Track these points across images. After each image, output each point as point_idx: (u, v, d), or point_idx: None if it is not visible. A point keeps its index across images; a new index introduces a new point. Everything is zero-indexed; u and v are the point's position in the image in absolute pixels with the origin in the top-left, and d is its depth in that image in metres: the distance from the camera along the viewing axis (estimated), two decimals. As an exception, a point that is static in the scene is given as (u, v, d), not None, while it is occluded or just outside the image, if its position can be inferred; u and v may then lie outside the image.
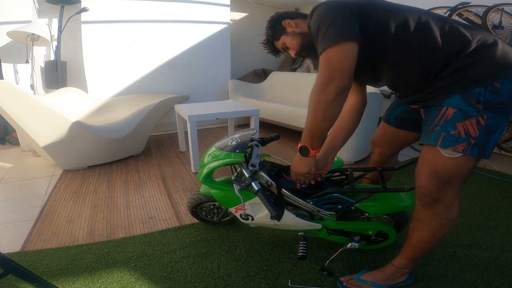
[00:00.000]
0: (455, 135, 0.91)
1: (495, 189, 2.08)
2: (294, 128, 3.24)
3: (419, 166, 1.02)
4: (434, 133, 0.95)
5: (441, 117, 0.94)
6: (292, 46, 1.21)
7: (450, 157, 0.93)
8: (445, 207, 1.00)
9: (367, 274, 1.24)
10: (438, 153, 0.95)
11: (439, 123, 0.94)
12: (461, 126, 0.90)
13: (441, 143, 0.93)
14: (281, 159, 1.47)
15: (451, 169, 0.95)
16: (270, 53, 1.30)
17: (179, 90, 3.77)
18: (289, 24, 1.20)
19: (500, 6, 2.59)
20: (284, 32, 1.21)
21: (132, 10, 3.32)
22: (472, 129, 0.89)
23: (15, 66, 2.98)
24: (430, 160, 0.98)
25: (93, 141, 2.45)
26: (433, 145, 0.95)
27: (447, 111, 0.93)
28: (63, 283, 1.28)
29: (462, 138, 0.90)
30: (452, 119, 0.92)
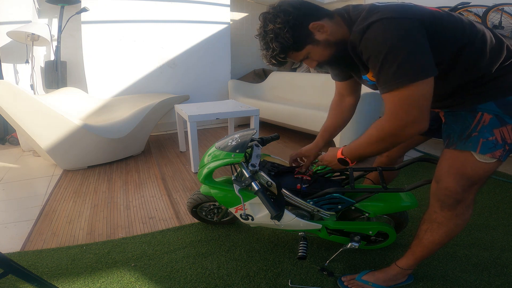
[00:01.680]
0: (493, 141, 0.90)
1: (495, 189, 2.08)
2: (294, 128, 3.23)
3: (444, 169, 0.99)
4: (471, 139, 0.92)
5: (477, 122, 0.92)
6: (319, 57, 0.95)
7: (485, 162, 0.92)
8: (465, 208, 1.01)
9: (368, 274, 1.24)
10: (472, 158, 0.93)
11: (476, 129, 0.92)
12: (498, 132, 0.89)
13: (480, 149, 0.91)
14: (281, 159, 1.47)
15: (481, 172, 0.94)
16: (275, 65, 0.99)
17: (179, 90, 3.77)
18: (320, 28, 0.90)
19: (500, 6, 2.59)
20: (312, 39, 0.91)
21: (132, 10, 3.32)
22: (508, 135, 0.89)
23: (15, 66, 2.98)
24: (459, 163, 0.96)
25: (93, 141, 2.45)
26: (472, 151, 0.92)
27: (483, 117, 0.91)
28: (63, 283, 1.28)
29: (500, 144, 0.90)
30: (490, 125, 0.90)
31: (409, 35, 0.78)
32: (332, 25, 0.92)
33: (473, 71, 0.89)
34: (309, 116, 2.92)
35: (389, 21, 0.79)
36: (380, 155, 1.45)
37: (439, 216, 1.04)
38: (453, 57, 0.87)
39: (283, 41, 0.90)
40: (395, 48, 0.78)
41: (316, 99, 3.53)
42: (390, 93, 0.82)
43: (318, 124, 2.82)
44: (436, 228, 1.05)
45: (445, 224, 1.03)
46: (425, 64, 0.79)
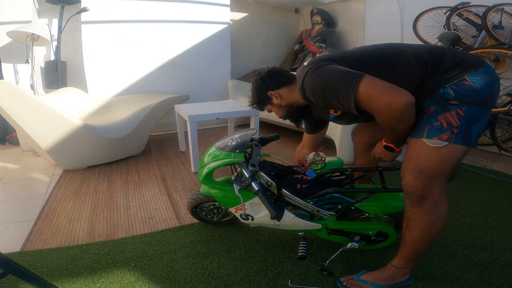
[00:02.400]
0: (438, 126, 0.97)
1: (495, 189, 2.08)
2: (294, 128, 3.23)
3: (404, 165, 1.05)
4: (419, 127, 1.01)
5: (423, 114, 1.02)
6: (278, 114, 1.35)
7: (436, 146, 0.97)
8: (432, 203, 1.01)
9: (367, 274, 1.24)
10: (424, 144, 0.99)
11: (423, 118, 1.01)
12: (442, 118, 0.97)
13: (426, 135, 0.98)
14: (281, 159, 1.48)
15: (435, 161, 0.97)
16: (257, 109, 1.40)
17: (179, 90, 3.77)
18: (274, 95, 1.27)
19: (500, 6, 2.59)
20: (270, 102, 1.30)
21: (132, 10, 3.32)
22: (453, 119, 0.96)
23: (15, 66, 2.98)
24: (415, 155, 1.01)
25: (93, 141, 2.45)
26: (419, 137, 1.00)
27: (428, 109, 1.01)
28: (63, 283, 1.28)
29: (445, 128, 0.97)
30: (434, 113, 0.99)
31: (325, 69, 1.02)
32: (286, 92, 1.27)
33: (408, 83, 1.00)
34: (309, 116, 2.92)
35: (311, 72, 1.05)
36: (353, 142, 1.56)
37: (411, 213, 1.06)
38: None
39: (253, 99, 1.34)
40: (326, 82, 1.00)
41: (316, 99, 3.53)
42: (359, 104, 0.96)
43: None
44: (412, 225, 1.08)
45: (418, 221, 1.05)
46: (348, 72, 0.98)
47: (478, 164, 2.53)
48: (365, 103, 0.95)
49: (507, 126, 2.59)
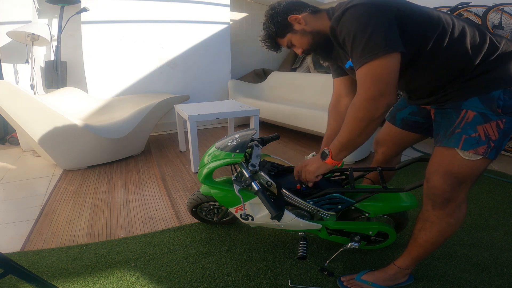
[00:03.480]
0: (475, 137, 0.91)
1: (495, 189, 2.08)
2: (294, 128, 3.24)
3: (433, 167, 1.01)
4: (454, 135, 0.95)
5: (461, 119, 0.94)
6: (300, 45, 1.12)
7: (469, 159, 0.93)
8: (456, 207, 1.00)
9: (368, 274, 1.24)
10: (457, 155, 0.94)
11: (460, 126, 0.94)
12: (482, 129, 0.91)
13: (462, 146, 0.93)
14: (281, 159, 1.47)
15: (467, 169, 0.95)
16: (270, 49, 1.18)
17: (179, 90, 3.77)
18: (297, 20, 1.07)
19: (500, 6, 2.59)
20: (291, 29, 1.09)
21: (132, 10, 3.32)
22: (492, 132, 0.90)
23: (15, 66, 2.98)
24: (447, 161, 0.97)
25: (93, 141, 2.45)
26: (454, 147, 0.94)
27: (467, 114, 0.93)
28: (63, 283, 1.28)
29: (483, 140, 0.91)
30: (473, 122, 0.92)
31: (375, 16, 0.86)
32: (310, 17, 1.08)
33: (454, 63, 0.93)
34: (309, 116, 2.92)
35: (360, 6, 0.89)
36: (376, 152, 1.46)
37: (431, 215, 1.04)
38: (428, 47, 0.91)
39: (268, 30, 1.12)
40: (363, 26, 0.86)
41: (316, 99, 3.53)
42: (361, 69, 0.88)
43: (318, 124, 2.82)
44: (429, 227, 1.06)
45: (437, 223, 1.04)
46: (390, 39, 0.84)
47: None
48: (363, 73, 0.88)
49: None
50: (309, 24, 1.07)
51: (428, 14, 0.92)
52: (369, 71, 0.86)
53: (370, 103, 0.88)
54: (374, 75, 0.86)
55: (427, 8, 0.96)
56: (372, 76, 0.86)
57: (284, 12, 1.07)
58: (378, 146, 1.44)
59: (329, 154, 1.05)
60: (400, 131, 1.31)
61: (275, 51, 1.19)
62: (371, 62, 0.85)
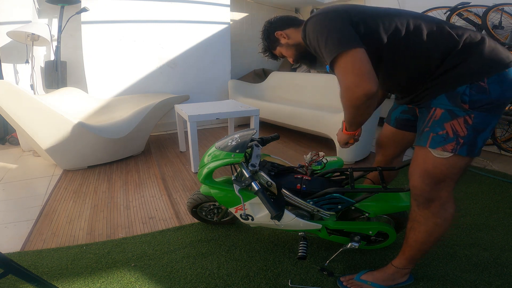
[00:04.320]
0: (443, 135, 0.93)
1: (495, 189, 2.08)
2: (294, 128, 3.23)
3: (411, 167, 1.04)
4: (423, 134, 0.98)
5: (430, 118, 0.96)
6: (288, 55, 1.26)
7: (441, 157, 0.94)
8: (440, 206, 1.01)
9: (367, 274, 1.24)
10: (429, 153, 0.96)
11: (428, 124, 0.97)
12: (449, 126, 0.92)
13: (430, 144, 0.95)
14: (281, 159, 1.48)
15: (442, 168, 0.96)
16: (271, 58, 1.35)
17: (179, 90, 3.77)
18: (281, 35, 1.22)
19: (500, 6, 2.59)
20: (278, 43, 1.24)
21: (132, 10, 3.32)
22: (460, 129, 0.91)
23: (15, 66, 2.98)
24: (421, 161, 0.99)
25: (93, 141, 2.45)
26: (423, 146, 0.97)
27: (435, 112, 0.95)
28: (63, 283, 1.28)
29: (450, 138, 0.92)
30: (440, 120, 0.94)
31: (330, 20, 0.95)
32: (293, 32, 1.20)
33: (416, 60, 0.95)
34: (309, 116, 2.92)
35: (315, 16, 0.99)
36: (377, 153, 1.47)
37: (417, 214, 1.06)
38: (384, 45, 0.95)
39: (263, 45, 1.30)
40: (321, 30, 0.95)
41: (316, 99, 3.53)
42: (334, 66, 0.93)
43: (318, 124, 2.82)
44: (417, 227, 1.07)
45: (424, 223, 1.05)
46: (347, 36, 0.91)
47: (478, 164, 2.53)
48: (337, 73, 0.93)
49: (507, 126, 2.59)
50: (291, 38, 1.21)
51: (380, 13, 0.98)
52: (337, 68, 0.92)
53: (347, 93, 0.92)
54: (342, 70, 0.91)
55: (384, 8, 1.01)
56: (341, 71, 0.92)
57: (272, 29, 1.23)
58: (378, 147, 1.45)
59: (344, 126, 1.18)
60: (396, 131, 1.33)
61: (275, 60, 1.38)
62: (338, 56, 0.90)
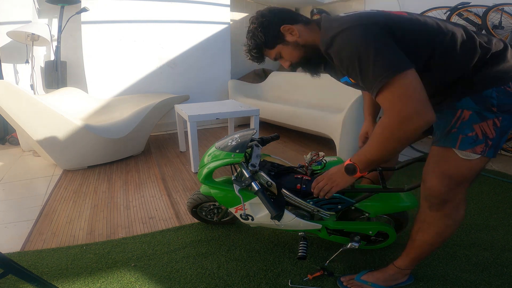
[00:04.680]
0: (473, 136, 0.90)
1: (495, 189, 2.08)
2: (294, 128, 3.23)
3: (429, 168, 1.00)
4: (451, 135, 0.94)
5: (457, 119, 0.93)
6: (290, 57, 1.04)
7: (467, 159, 0.92)
8: (453, 208, 1.00)
9: (368, 274, 1.24)
10: (454, 154, 0.94)
11: (456, 125, 0.93)
12: (478, 128, 0.90)
13: (459, 145, 0.92)
14: (281, 159, 1.48)
15: (464, 170, 0.94)
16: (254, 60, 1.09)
17: (179, 90, 3.77)
18: (290, 30, 0.99)
19: (500, 6, 2.59)
20: (282, 40, 1.01)
21: (132, 10, 3.32)
22: (489, 131, 0.89)
23: (15, 66, 2.98)
24: (443, 162, 0.96)
25: (93, 141, 2.45)
26: (451, 147, 0.93)
27: (463, 113, 0.92)
28: (63, 283, 1.28)
29: (480, 139, 0.90)
30: (469, 121, 0.91)
31: (374, 37, 0.82)
32: (304, 29, 1.00)
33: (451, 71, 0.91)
34: (309, 116, 2.92)
35: (354, 28, 0.84)
36: None
37: (428, 216, 1.04)
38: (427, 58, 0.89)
39: (257, 39, 1.02)
40: (365, 51, 0.81)
41: (316, 99, 3.53)
42: (381, 94, 0.83)
43: (318, 124, 2.82)
44: (426, 228, 1.06)
45: (434, 224, 1.03)
46: (397, 57, 0.81)
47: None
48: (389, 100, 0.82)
49: None
50: (303, 36, 1.00)
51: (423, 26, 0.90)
52: (391, 92, 0.80)
53: (405, 124, 0.81)
54: (399, 95, 0.80)
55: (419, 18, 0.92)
56: (397, 95, 0.80)
57: (277, 21, 0.99)
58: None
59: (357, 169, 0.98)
60: None
61: (257, 62, 1.10)
62: (388, 84, 0.80)
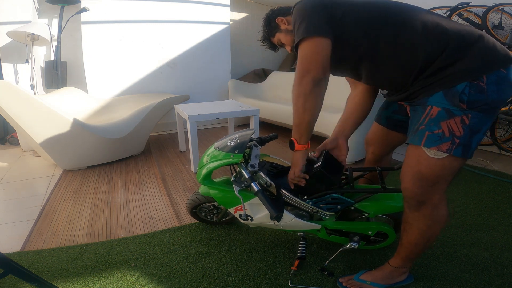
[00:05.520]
0: (439, 134, 0.90)
1: (495, 189, 2.08)
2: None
3: (403, 168, 1.02)
4: (418, 132, 0.94)
5: (425, 116, 0.93)
6: (286, 42, 1.26)
7: (435, 157, 0.92)
8: (431, 209, 1.00)
9: (366, 274, 1.24)
10: (423, 153, 0.94)
11: (424, 122, 0.93)
12: (446, 125, 0.89)
13: (425, 142, 0.92)
14: (281, 159, 1.47)
15: (436, 169, 0.93)
16: (269, 48, 1.35)
17: (179, 90, 3.77)
18: (282, 21, 1.23)
19: (500, 6, 2.59)
20: (278, 29, 1.25)
21: (132, 10, 3.32)
22: (457, 128, 0.88)
23: (15, 66, 2.99)
24: (415, 161, 0.97)
25: (93, 141, 2.45)
26: (417, 144, 0.94)
27: (431, 110, 0.92)
28: (63, 283, 1.28)
29: (446, 137, 0.89)
30: (437, 118, 0.91)
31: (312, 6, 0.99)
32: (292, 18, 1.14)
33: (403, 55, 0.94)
34: (309, 116, 2.91)
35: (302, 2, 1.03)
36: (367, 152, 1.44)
37: (409, 216, 1.05)
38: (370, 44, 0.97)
39: (264, 32, 1.31)
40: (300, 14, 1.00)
41: (316, 99, 3.53)
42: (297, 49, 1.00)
43: (318, 124, 2.81)
44: (408, 228, 1.07)
45: (415, 225, 1.04)
46: (316, 26, 0.95)
47: (478, 164, 2.53)
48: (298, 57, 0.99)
49: (507, 126, 2.59)
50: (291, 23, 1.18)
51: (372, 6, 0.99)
52: (300, 51, 0.98)
53: (300, 79, 0.97)
54: (302, 55, 0.97)
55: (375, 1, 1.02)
56: (301, 55, 0.98)
57: (274, 15, 1.25)
58: (368, 146, 1.44)
59: (294, 141, 1.09)
60: (386, 131, 1.31)
61: (272, 49, 1.36)
62: (301, 43, 0.97)
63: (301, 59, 0.98)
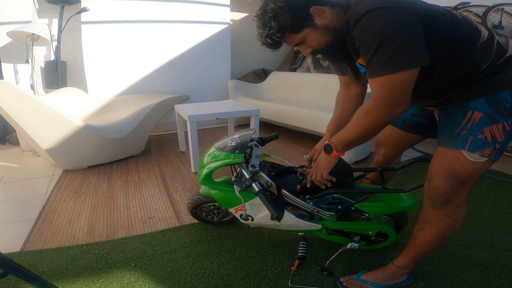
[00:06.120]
0: (482, 139, 0.91)
1: (495, 189, 2.08)
2: (294, 128, 3.23)
3: (435, 167, 1.00)
4: (461, 136, 0.94)
5: (468, 120, 0.93)
6: (316, 43, 0.95)
7: (474, 161, 0.93)
8: (456, 208, 1.00)
9: (367, 274, 1.24)
10: (461, 155, 0.94)
11: (466, 127, 0.93)
12: (488, 131, 0.90)
13: (469, 147, 0.92)
14: (281, 159, 1.47)
15: (470, 171, 0.94)
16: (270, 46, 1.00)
17: (179, 90, 3.77)
18: (321, 13, 0.90)
19: (500, 6, 2.59)
20: (310, 23, 0.91)
21: (132, 10, 3.32)
22: (499, 134, 0.90)
23: (15, 66, 2.98)
24: (450, 161, 0.96)
25: (93, 141, 2.45)
26: (460, 148, 0.93)
27: (473, 115, 0.92)
28: (63, 283, 1.28)
29: (489, 142, 0.91)
30: (480, 123, 0.91)
31: (404, 24, 0.80)
32: (332, 12, 0.93)
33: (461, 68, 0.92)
34: (309, 116, 2.92)
35: (385, 10, 0.80)
36: (377, 153, 1.45)
37: (430, 215, 1.04)
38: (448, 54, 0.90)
39: (282, 21, 0.90)
40: (390, 36, 0.79)
41: (316, 99, 3.53)
42: (382, 78, 0.84)
43: (318, 124, 2.82)
44: (427, 227, 1.06)
45: (436, 223, 1.03)
46: (418, 53, 0.81)
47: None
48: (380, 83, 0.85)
49: None
50: (332, 19, 0.92)
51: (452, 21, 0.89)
52: (392, 82, 0.83)
53: (386, 111, 0.88)
54: (397, 87, 0.84)
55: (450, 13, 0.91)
56: (394, 87, 0.84)
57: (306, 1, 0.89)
58: (379, 147, 1.43)
59: (334, 148, 1.07)
60: (401, 133, 1.31)
61: (274, 49, 1.01)
62: (395, 74, 0.82)
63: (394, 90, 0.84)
